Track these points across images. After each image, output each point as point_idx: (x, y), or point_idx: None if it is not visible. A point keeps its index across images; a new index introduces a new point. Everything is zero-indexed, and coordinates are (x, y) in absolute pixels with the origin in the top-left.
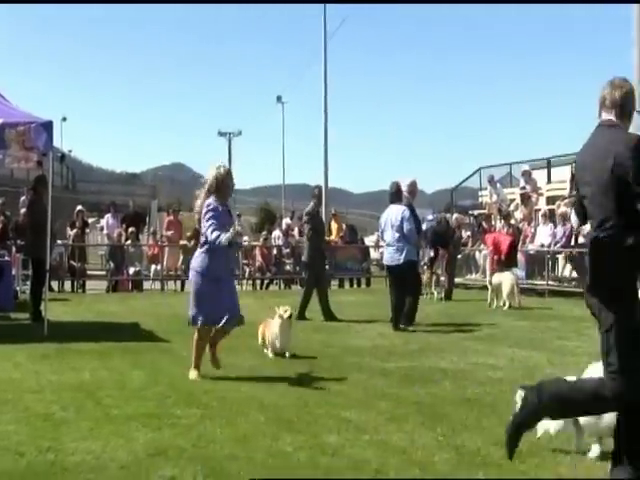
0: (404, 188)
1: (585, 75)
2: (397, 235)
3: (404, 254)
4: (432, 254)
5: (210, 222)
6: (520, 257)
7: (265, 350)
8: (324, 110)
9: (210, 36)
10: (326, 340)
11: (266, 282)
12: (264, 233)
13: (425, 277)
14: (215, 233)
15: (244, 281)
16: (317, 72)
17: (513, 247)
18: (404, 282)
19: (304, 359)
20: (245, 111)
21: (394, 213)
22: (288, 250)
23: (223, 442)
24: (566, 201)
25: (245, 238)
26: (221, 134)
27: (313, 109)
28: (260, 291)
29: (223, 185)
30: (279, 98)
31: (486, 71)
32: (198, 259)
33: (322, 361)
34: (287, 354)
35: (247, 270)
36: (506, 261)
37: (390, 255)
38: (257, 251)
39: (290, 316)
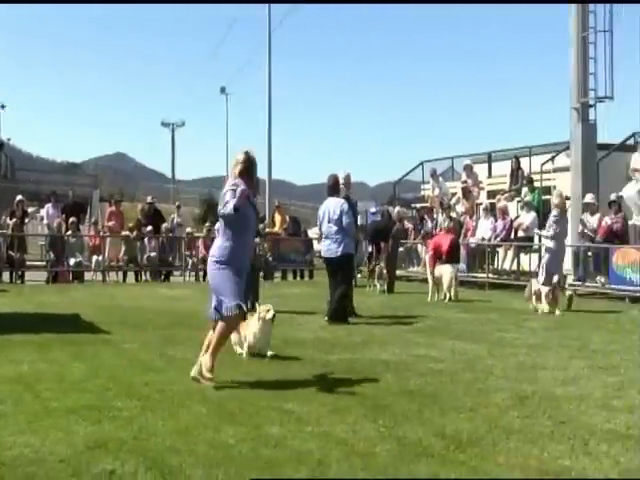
0: (341, 181)
1: (525, 73)
2: (335, 228)
3: (342, 246)
4: (370, 248)
5: (225, 199)
6: (462, 250)
7: (239, 350)
8: (268, 101)
9: (154, 26)
10: None
11: None
12: (207, 224)
13: (366, 270)
14: (225, 206)
15: (187, 272)
16: (262, 64)
17: (454, 245)
18: (342, 274)
19: (248, 353)
20: (189, 102)
21: (332, 206)
22: None
23: (164, 434)
24: (506, 195)
25: (188, 229)
26: (164, 124)
27: (257, 100)
28: (203, 282)
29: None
30: (223, 89)
31: (428, 66)
32: (221, 248)
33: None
34: (269, 354)
35: (190, 261)
36: (448, 259)
37: (328, 247)
38: (200, 242)
39: (273, 317)
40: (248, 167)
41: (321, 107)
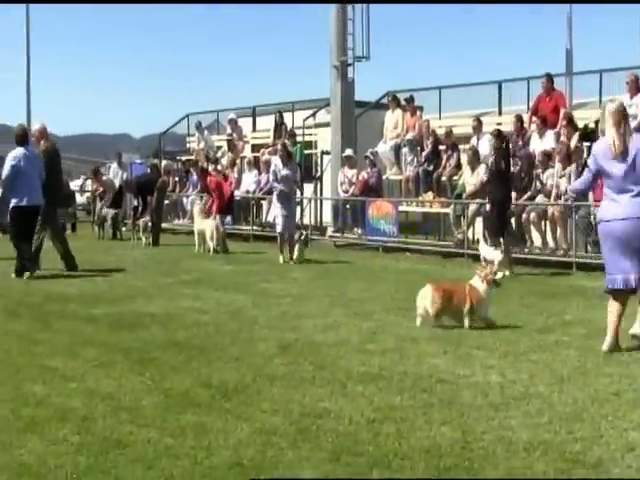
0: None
1: (288, 30)
2: (27, 175)
3: (37, 196)
4: (136, 202)
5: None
6: None
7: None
8: (26, 47)
9: None
10: (27, 288)
11: None
12: None
13: (131, 223)
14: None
15: None
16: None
17: (233, 195)
18: (27, 226)
19: (3, 309)
20: None
21: (29, 155)
22: None
23: None
24: (270, 149)
25: None
26: None
27: (15, 45)
28: None
29: None
30: None
31: (187, 20)
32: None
33: (23, 309)
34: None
35: None
36: (227, 208)
37: (25, 196)
38: None
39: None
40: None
41: (84, 54)
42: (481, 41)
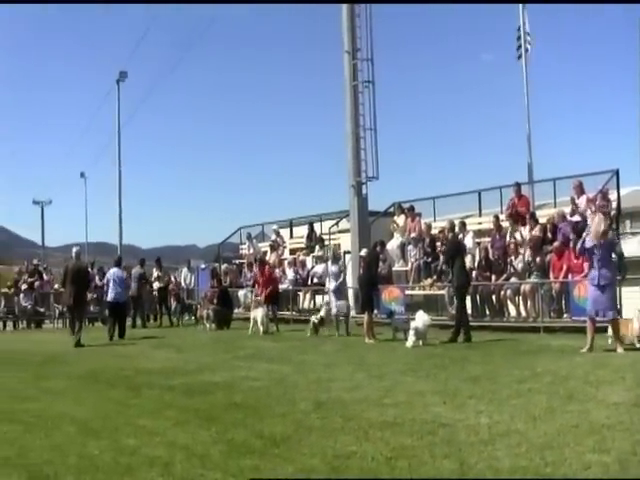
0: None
1: (316, 158)
2: (116, 283)
3: (122, 295)
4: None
5: None
6: None
7: None
8: (118, 183)
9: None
10: (121, 365)
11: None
12: None
13: (199, 312)
14: None
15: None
16: (115, 150)
17: (276, 291)
18: (121, 312)
19: (104, 381)
20: (55, 183)
21: (119, 272)
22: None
23: (41, 451)
24: (304, 251)
25: (56, 286)
26: (35, 202)
27: (111, 179)
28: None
29: None
30: (82, 174)
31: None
32: None
33: (119, 381)
34: None
35: (57, 310)
36: (271, 299)
37: (117, 294)
38: None
39: None
40: None
41: (163, 187)
42: (464, 159)
